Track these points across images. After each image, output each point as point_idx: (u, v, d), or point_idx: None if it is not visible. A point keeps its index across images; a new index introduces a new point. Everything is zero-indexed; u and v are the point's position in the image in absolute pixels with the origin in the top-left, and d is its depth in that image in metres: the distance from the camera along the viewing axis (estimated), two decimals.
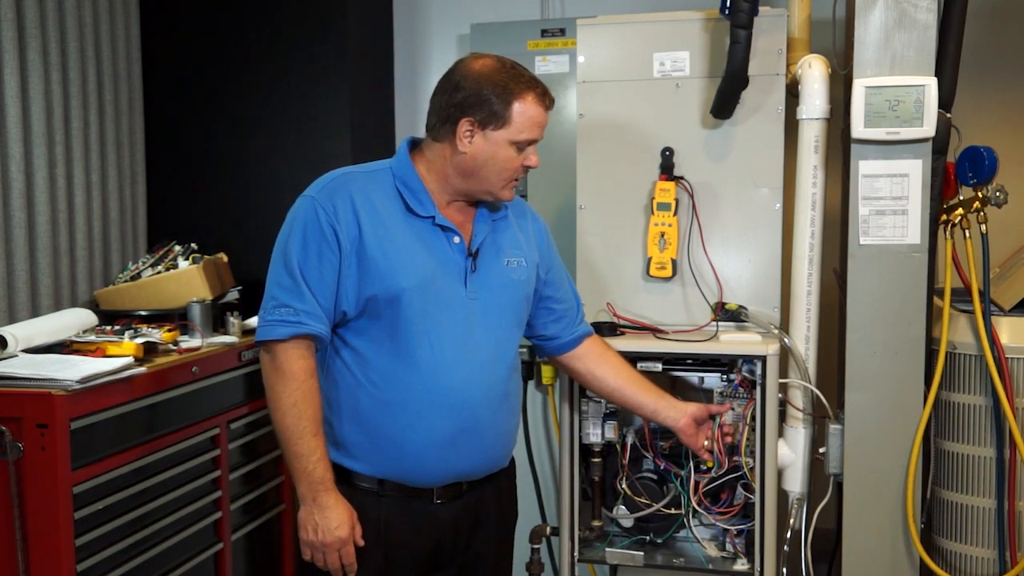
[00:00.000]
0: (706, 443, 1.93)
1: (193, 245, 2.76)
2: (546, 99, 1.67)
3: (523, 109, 1.63)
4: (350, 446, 1.68)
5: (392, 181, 1.69)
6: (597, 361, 1.93)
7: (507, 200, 1.73)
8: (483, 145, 1.64)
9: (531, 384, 3.03)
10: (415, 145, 1.75)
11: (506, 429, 1.78)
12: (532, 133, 1.66)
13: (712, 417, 1.95)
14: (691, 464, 2.05)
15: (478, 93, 1.62)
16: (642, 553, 2.11)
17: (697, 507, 2.05)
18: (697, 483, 2.05)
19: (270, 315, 1.62)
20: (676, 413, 1.90)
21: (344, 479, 1.68)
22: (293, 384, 1.60)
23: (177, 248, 2.75)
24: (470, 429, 1.68)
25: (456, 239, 1.69)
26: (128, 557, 2.14)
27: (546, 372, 2.97)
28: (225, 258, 2.80)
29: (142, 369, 2.15)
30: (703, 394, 2.16)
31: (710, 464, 2.02)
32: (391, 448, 1.66)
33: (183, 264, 2.65)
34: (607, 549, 2.13)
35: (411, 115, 3.17)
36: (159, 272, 2.65)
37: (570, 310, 1.93)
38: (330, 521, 1.60)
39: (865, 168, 1.95)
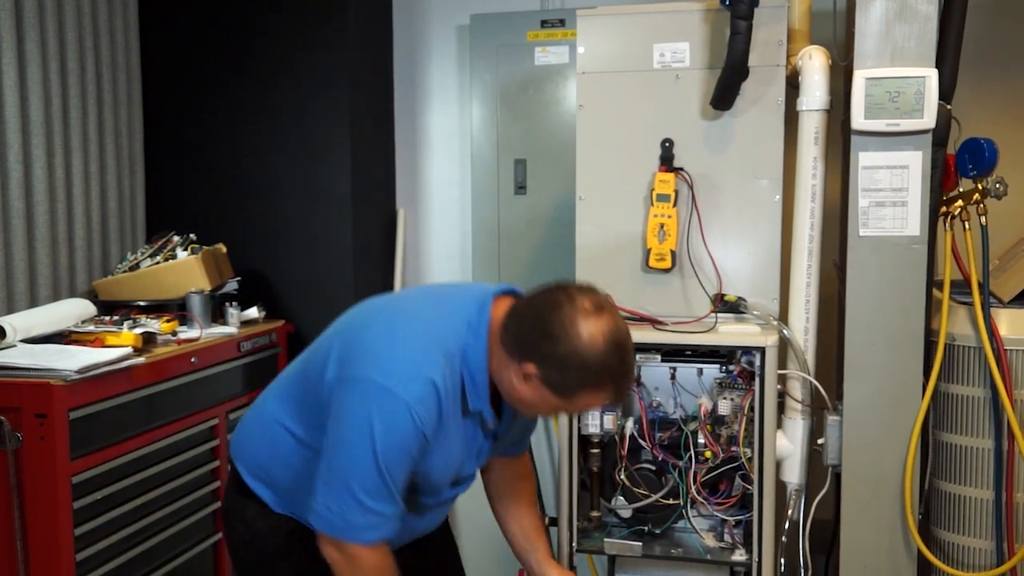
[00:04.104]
0: None
1: (192, 236, 2.76)
2: (617, 396, 1.55)
3: (592, 398, 1.52)
4: (282, 500, 1.62)
5: (459, 367, 1.51)
6: (495, 492, 1.88)
7: None
8: (535, 393, 1.49)
9: None
10: (499, 299, 1.57)
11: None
12: (586, 410, 1.63)
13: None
14: (691, 452, 2.05)
15: (563, 361, 1.44)
16: (640, 543, 2.11)
17: (696, 497, 2.06)
18: (696, 473, 2.05)
19: (358, 519, 1.45)
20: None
21: (255, 500, 1.63)
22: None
23: (176, 238, 2.74)
24: (421, 535, 1.71)
25: (491, 424, 1.60)
26: (127, 546, 2.15)
27: None
28: (224, 249, 2.80)
29: (141, 359, 2.15)
30: (702, 386, 2.17)
31: (707, 455, 2.03)
32: None
33: (182, 255, 2.65)
34: (605, 539, 2.13)
35: (410, 106, 3.17)
36: (158, 263, 2.65)
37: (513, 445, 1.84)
38: None
39: (865, 160, 1.94)
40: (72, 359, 2.01)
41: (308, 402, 1.57)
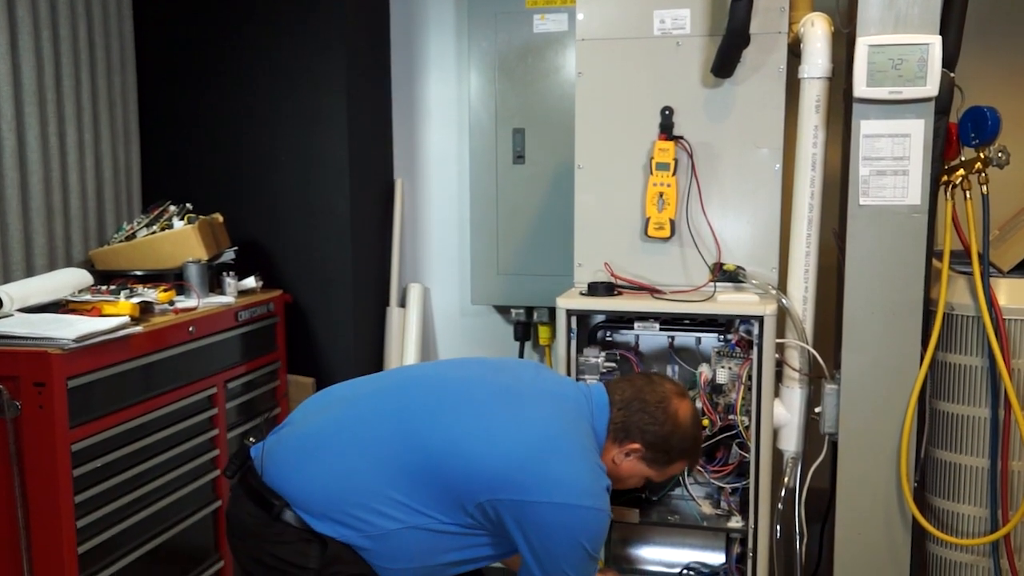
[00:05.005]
0: None
1: (188, 205, 2.74)
2: (694, 463, 1.91)
3: (678, 468, 1.80)
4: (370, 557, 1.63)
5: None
6: None
7: None
8: (632, 467, 1.74)
9: (528, 345, 3.03)
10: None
11: None
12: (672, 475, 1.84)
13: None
14: None
15: (667, 439, 1.71)
16: (637, 510, 2.13)
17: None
18: None
19: None
20: None
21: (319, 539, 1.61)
22: None
23: (172, 208, 2.73)
24: None
25: None
26: (127, 514, 2.16)
27: (543, 333, 2.98)
28: (221, 218, 2.79)
29: (138, 328, 2.15)
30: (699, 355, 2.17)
31: (705, 423, 2.04)
32: None
33: (178, 224, 2.64)
34: None
35: (408, 75, 3.14)
36: (154, 232, 2.64)
37: None
38: None
39: (867, 128, 1.93)
40: (69, 328, 2.00)
41: (434, 491, 1.61)
